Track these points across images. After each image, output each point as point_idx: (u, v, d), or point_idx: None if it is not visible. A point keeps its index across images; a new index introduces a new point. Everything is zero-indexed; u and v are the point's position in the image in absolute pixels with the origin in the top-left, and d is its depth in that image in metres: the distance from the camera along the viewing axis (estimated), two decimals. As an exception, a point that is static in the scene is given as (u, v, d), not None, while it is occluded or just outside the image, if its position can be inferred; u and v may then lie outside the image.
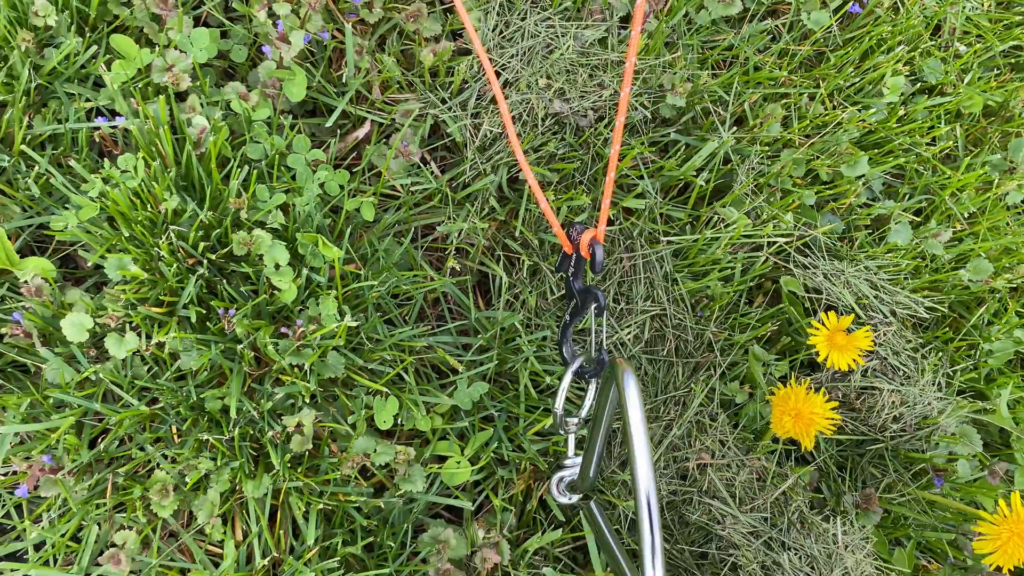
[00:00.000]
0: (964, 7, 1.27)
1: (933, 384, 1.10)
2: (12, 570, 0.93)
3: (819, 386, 1.07)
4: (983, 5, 1.30)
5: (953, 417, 1.10)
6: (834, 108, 1.16)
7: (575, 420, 0.93)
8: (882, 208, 1.16)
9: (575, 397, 1.06)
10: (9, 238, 0.93)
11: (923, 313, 1.11)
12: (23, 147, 0.94)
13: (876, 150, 1.17)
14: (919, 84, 1.23)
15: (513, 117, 1.05)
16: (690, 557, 1.01)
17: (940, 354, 1.13)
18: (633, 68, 0.82)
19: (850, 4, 1.19)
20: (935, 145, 1.21)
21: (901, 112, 1.17)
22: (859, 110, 1.16)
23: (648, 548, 0.71)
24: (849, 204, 1.14)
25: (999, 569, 1.02)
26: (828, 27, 1.17)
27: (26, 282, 0.91)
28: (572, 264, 0.97)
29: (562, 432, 0.94)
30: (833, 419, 0.97)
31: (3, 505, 0.95)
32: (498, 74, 1.07)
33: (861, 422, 1.08)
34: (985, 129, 1.26)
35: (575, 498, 0.94)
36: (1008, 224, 1.24)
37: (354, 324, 0.94)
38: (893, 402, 1.07)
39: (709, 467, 1.01)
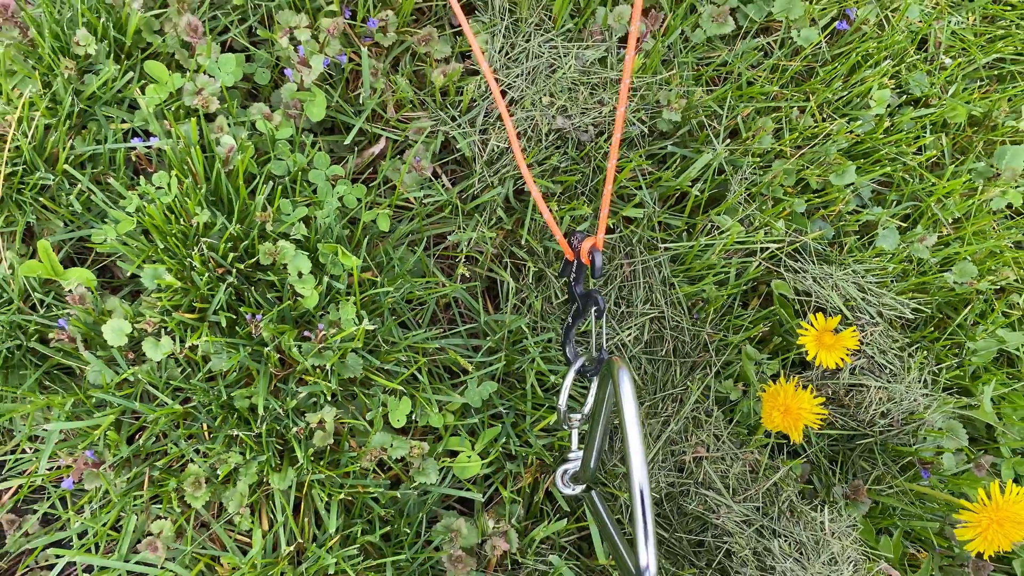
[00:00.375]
0: (949, 22, 1.33)
1: (919, 381, 1.16)
2: (58, 556, 1.00)
3: (809, 383, 1.13)
4: (968, 19, 1.36)
5: (939, 413, 1.16)
6: (823, 120, 1.22)
7: (578, 416, 0.99)
8: (870, 215, 1.22)
9: (579, 395, 1.12)
10: (54, 250, 1.01)
11: (908, 314, 1.17)
12: (66, 166, 1.02)
13: (864, 159, 1.23)
14: (905, 96, 1.29)
15: (519, 133, 1.12)
16: (688, 545, 1.07)
17: (926, 353, 1.19)
18: (628, 89, 0.89)
19: (837, 21, 1.25)
20: (921, 154, 1.27)
21: (887, 123, 1.23)
22: (847, 122, 1.22)
23: (641, 532, 0.77)
24: (838, 211, 1.20)
25: (980, 555, 1.08)
26: (817, 43, 1.24)
27: (70, 291, 0.99)
28: (574, 270, 1.03)
29: (566, 427, 1.00)
30: (820, 414, 1.03)
31: (49, 497, 1.02)
32: (504, 93, 1.14)
33: (850, 417, 1.14)
34: (971, 138, 1.32)
35: (578, 489, 1.00)
36: (993, 227, 1.30)
37: (371, 328, 1.01)
38: (880, 398, 1.13)
39: (705, 460, 1.07)
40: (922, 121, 1.27)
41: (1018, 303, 1.28)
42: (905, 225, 1.24)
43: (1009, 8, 1.39)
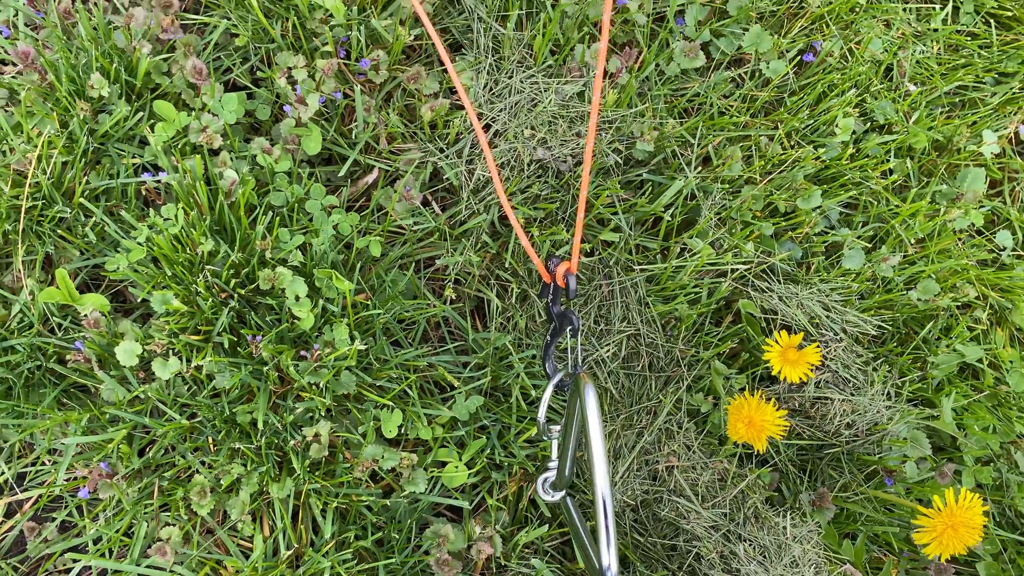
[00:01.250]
0: (914, 51, 1.40)
1: (883, 394, 1.23)
2: (75, 560, 1.09)
3: (776, 396, 1.20)
4: (932, 49, 1.43)
5: (902, 423, 1.22)
6: (791, 147, 1.29)
7: (557, 428, 1.07)
8: (837, 236, 1.29)
9: (559, 407, 1.20)
10: (70, 277, 1.09)
11: (871, 330, 1.24)
12: (82, 200, 1.10)
13: (831, 184, 1.30)
14: (871, 123, 1.36)
15: (501, 163, 1.20)
16: (661, 549, 1.14)
17: (890, 367, 1.26)
18: (596, 127, 0.96)
19: (804, 54, 1.32)
20: (886, 178, 1.34)
21: (852, 150, 1.30)
22: (814, 148, 1.29)
23: (604, 536, 0.84)
24: (806, 233, 1.27)
25: (938, 558, 1.15)
26: (785, 75, 1.31)
27: (85, 315, 1.07)
28: (551, 292, 1.11)
29: (546, 438, 1.07)
30: (783, 425, 1.10)
31: (67, 506, 1.11)
32: (488, 126, 1.22)
33: (816, 428, 1.21)
34: (935, 161, 1.39)
35: (557, 496, 1.08)
36: (957, 246, 1.37)
37: (363, 347, 1.09)
38: (845, 410, 1.20)
39: (676, 469, 1.14)
40: (887, 147, 1.34)
41: (981, 318, 1.34)
42: (871, 246, 1.31)
43: (971, 38, 1.46)
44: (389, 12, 1.23)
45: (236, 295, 1.08)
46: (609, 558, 0.83)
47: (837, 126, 1.29)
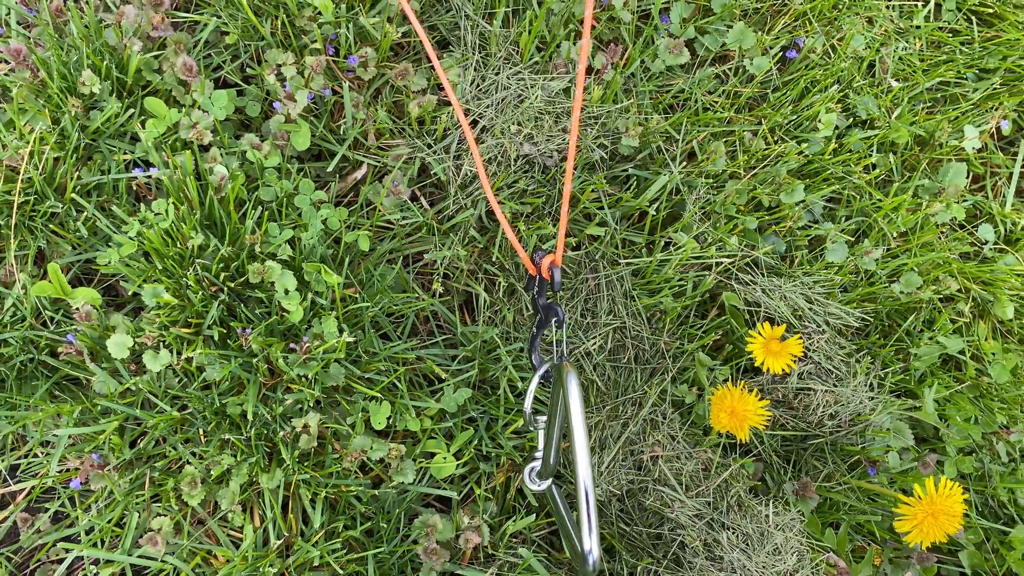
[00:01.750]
0: (897, 48, 1.42)
1: (866, 385, 1.25)
2: (67, 550, 1.10)
3: (760, 387, 1.22)
4: (915, 45, 1.45)
5: (885, 414, 1.24)
6: (774, 143, 1.31)
7: (543, 418, 1.08)
8: (820, 230, 1.31)
9: (546, 398, 1.21)
10: (62, 272, 1.10)
11: (853, 322, 1.25)
12: (73, 195, 1.12)
13: (814, 178, 1.32)
14: (853, 118, 1.38)
15: (488, 158, 1.22)
16: (647, 538, 1.16)
17: (872, 358, 1.28)
18: (580, 123, 0.98)
19: (787, 50, 1.34)
20: (869, 173, 1.36)
21: (835, 145, 1.32)
22: (797, 143, 1.31)
23: (585, 522, 0.86)
24: (789, 227, 1.29)
25: (919, 546, 1.16)
26: (768, 71, 1.33)
27: (77, 309, 1.08)
28: (537, 284, 1.13)
29: (533, 429, 1.09)
30: (765, 415, 1.12)
31: (59, 497, 1.12)
32: (475, 122, 1.24)
33: (800, 419, 1.23)
34: (918, 156, 1.40)
35: (543, 485, 1.09)
36: (939, 240, 1.38)
37: (352, 340, 1.10)
38: (827, 401, 1.22)
39: (660, 459, 1.16)
40: (869, 141, 1.36)
41: (964, 311, 1.36)
42: (854, 239, 1.33)
43: (953, 34, 1.48)
44: (377, 10, 1.24)
45: (226, 288, 1.10)
46: (591, 543, 0.85)
47: (820, 121, 1.31)
